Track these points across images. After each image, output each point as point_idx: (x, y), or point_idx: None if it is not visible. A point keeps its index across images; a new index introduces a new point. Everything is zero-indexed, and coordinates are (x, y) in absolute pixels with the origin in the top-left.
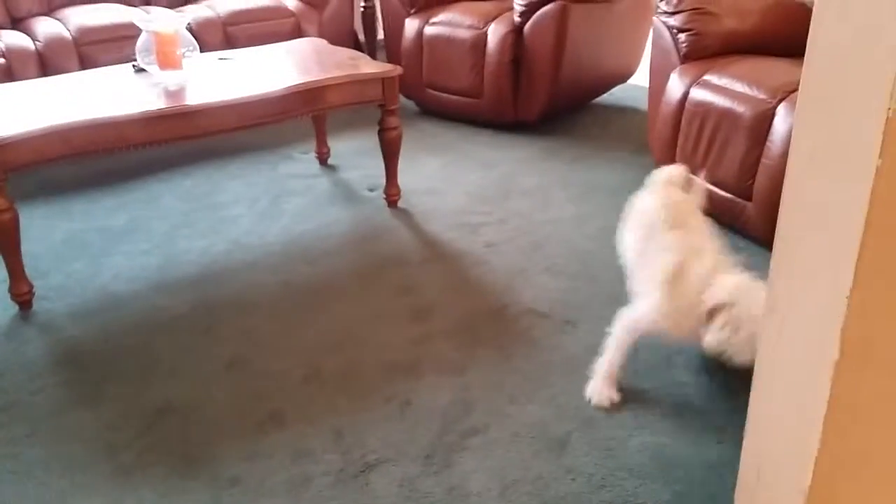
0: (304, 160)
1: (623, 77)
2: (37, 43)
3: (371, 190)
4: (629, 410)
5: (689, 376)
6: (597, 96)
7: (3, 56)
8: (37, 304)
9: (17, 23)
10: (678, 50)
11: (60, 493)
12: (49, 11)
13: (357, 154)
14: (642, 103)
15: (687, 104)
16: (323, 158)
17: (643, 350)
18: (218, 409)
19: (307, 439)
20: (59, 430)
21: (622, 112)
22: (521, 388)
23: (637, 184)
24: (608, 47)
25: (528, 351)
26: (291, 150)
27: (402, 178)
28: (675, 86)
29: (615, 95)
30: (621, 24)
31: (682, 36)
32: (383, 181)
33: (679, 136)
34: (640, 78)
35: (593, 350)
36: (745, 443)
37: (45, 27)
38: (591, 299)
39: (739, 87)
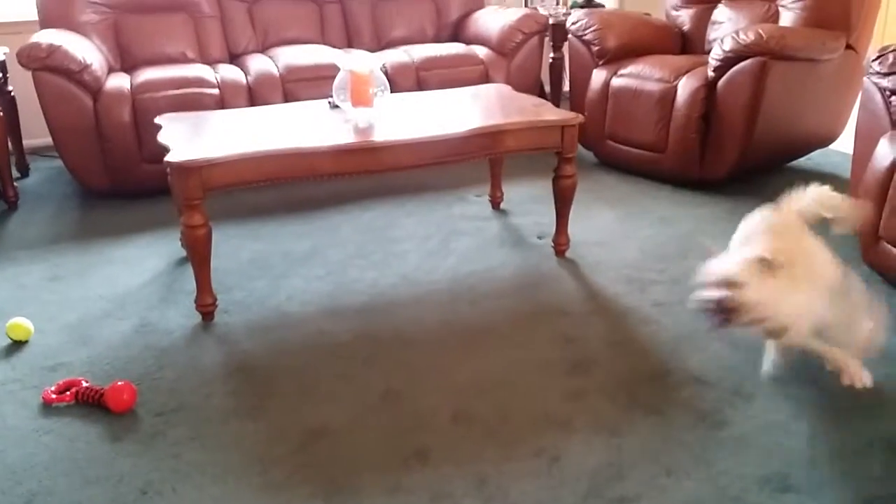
0: (477, 203)
1: (824, 141)
2: (248, 77)
3: (540, 237)
4: (797, 500)
5: (879, 468)
6: (793, 159)
7: (219, 87)
8: (218, 317)
9: (234, 58)
10: (890, 114)
11: (213, 498)
12: (262, 49)
13: (530, 201)
14: (844, 171)
15: None
16: (496, 202)
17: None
18: (367, 438)
19: (450, 481)
20: (221, 437)
21: (820, 178)
22: (679, 460)
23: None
24: (809, 108)
25: (690, 421)
26: (466, 193)
27: (573, 228)
28: (884, 152)
29: (814, 160)
30: (826, 85)
31: (895, 99)
32: (553, 230)
33: (884, 207)
34: (844, 144)
35: (765, 429)
36: None
37: (257, 64)
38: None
39: None
